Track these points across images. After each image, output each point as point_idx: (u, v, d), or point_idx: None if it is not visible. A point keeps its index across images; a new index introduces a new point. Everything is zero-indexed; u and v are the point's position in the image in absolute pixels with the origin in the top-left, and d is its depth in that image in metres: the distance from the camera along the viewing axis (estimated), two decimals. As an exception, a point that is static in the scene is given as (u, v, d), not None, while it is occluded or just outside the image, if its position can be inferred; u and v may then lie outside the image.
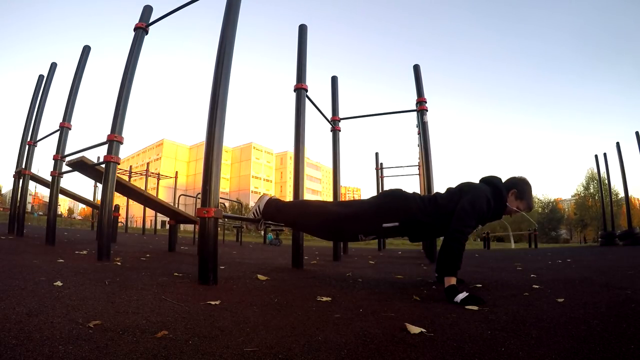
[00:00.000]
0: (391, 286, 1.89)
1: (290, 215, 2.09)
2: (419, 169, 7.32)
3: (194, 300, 1.30)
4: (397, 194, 1.88)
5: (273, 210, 2.07)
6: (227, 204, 26.43)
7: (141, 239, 6.86)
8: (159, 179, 13.72)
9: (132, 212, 16.10)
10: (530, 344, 0.90)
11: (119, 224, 8.00)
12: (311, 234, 2.13)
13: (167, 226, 4.40)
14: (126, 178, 11.90)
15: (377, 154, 8.63)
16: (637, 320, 1.12)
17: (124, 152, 4.77)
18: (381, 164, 8.56)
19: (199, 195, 5.15)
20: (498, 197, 1.77)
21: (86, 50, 3.80)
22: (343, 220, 1.86)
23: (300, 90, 2.95)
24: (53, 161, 3.54)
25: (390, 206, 1.82)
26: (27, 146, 4.71)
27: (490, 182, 1.83)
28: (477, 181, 1.91)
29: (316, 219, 1.96)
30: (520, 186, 1.81)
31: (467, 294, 1.42)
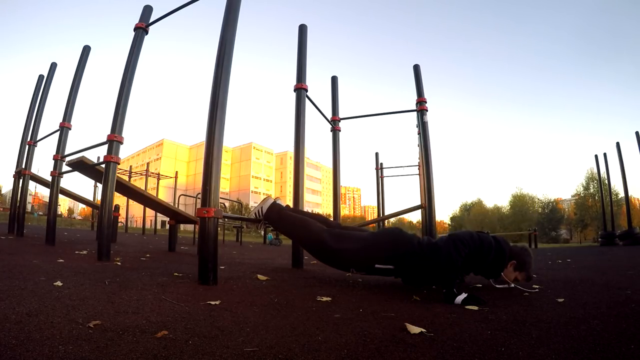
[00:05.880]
0: (391, 286, 1.89)
1: (288, 229, 2.14)
2: (419, 169, 7.31)
3: (194, 300, 1.30)
4: (397, 237, 1.82)
5: (275, 215, 2.12)
6: (227, 204, 26.42)
7: (141, 239, 6.86)
8: (159, 179, 13.71)
9: (132, 212, 16.09)
10: (530, 344, 0.90)
11: (119, 224, 7.99)
12: (305, 250, 2.18)
13: (167, 226, 4.40)
14: (126, 178, 11.89)
15: (377, 154, 8.63)
16: (637, 320, 1.12)
17: (124, 152, 4.77)
18: (381, 164, 8.56)
19: (199, 195, 5.15)
20: (499, 256, 1.70)
21: (86, 50, 3.80)
22: (336, 252, 1.87)
23: (300, 90, 2.95)
24: (53, 161, 3.54)
25: (387, 248, 1.78)
26: (27, 146, 4.71)
27: (497, 239, 1.74)
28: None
29: (311, 243, 2.00)
30: (520, 257, 1.74)
31: (466, 294, 1.42)
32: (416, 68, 3.93)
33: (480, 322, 1.11)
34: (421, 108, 3.77)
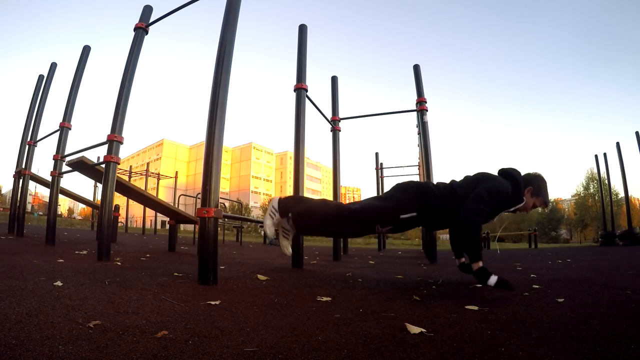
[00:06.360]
0: (391, 286, 1.89)
1: (309, 206, 1.99)
2: (419, 169, 7.33)
3: (194, 300, 1.30)
4: (411, 184, 1.88)
5: (285, 204, 1.99)
6: (227, 204, 26.41)
7: (141, 239, 6.86)
8: (159, 179, 13.72)
9: (132, 212, 16.10)
10: (530, 344, 0.90)
11: (119, 224, 7.99)
12: (323, 231, 2.06)
13: (167, 226, 4.40)
14: (126, 178, 11.89)
15: (377, 154, 8.64)
16: (637, 320, 1.12)
17: (124, 152, 4.78)
18: (381, 164, 8.56)
19: (199, 195, 5.15)
20: (515, 190, 1.76)
21: (86, 50, 3.81)
22: (358, 213, 1.84)
23: (300, 90, 2.95)
24: (53, 161, 3.54)
25: (406, 197, 1.81)
26: (27, 146, 4.71)
27: (509, 174, 1.81)
28: (495, 172, 1.90)
29: (332, 214, 1.90)
30: (536, 183, 1.82)
31: (498, 277, 1.44)
32: (416, 68, 3.94)
33: (480, 322, 1.11)
34: (421, 108, 3.77)
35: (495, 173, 1.90)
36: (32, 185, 24.43)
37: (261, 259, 3.54)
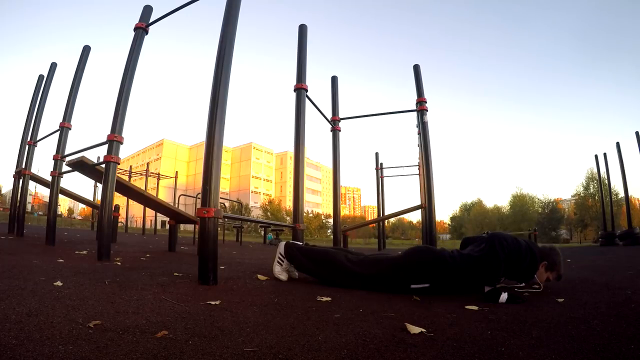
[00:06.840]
0: (391, 286, 1.89)
1: (314, 258, 1.98)
2: (419, 169, 7.32)
3: (194, 300, 1.30)
4: (427, 254, 1.77)
5: (297, 253, 2.00)
6: (227, 204, 26.42)
7: (141, 239, 6.86)
8: (159, 179, 13.71)
9: (132, 212, 16.09)
10: (530, 344, 0.90)
11: (119, 224, 7.99)
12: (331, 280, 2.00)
13: (167, 226, 4.40)
14: (126, 178, 11.89)
15: (377, 154, 8.64)
16: (637, 320, 1.13)
17: (124, 152, 4.78)
18: (381, 164, 8.57)
19: (199, 195, 5.15)
20: (532, 260, 1.70)
21: (86, 50, 3.81)
22: (366, 279, 1.78)
23: (300, 90, 2.95)
24: (53, 161, 3.54)
25: (419, 266, 1.71)
26: (27, 146, 4.71)
27: (527, 242, 1.76)
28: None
29: (338, 274, 1.87)
30: (551, 258, 1.79)
31: (508, 294, 1.44)
32: (416, 68, 3.93)
33: (480, 322, 1.11)
34: (421, 108, 3.77)
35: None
36: (32, 185, 24.44)
37: (261, 259, 3.54)
